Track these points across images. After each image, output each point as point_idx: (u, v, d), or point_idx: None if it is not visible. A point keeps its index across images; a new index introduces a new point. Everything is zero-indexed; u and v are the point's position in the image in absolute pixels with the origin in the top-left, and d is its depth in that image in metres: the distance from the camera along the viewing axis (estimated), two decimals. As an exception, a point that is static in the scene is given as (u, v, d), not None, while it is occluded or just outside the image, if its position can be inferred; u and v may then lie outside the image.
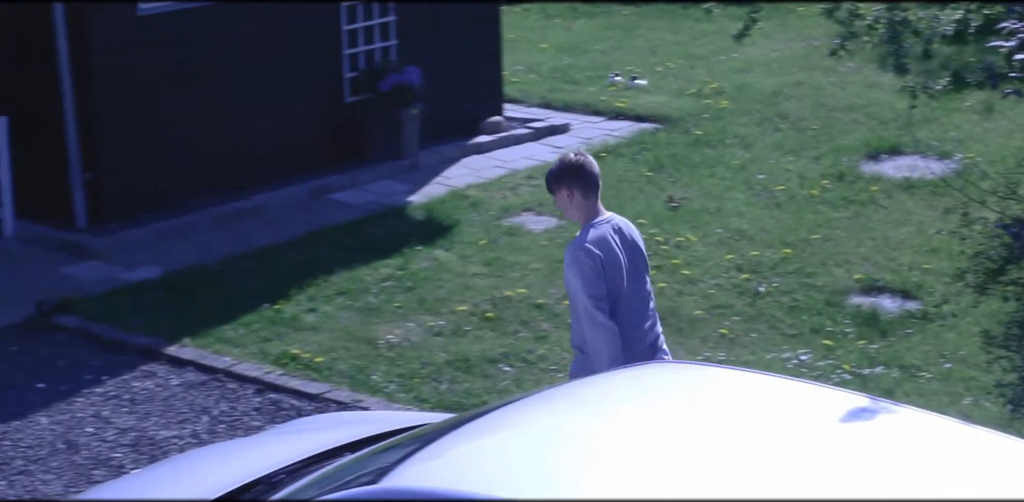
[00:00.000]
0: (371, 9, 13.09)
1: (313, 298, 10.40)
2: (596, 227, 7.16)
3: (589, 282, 7.00)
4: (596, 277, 7.00)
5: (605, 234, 7.15)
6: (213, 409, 8.94)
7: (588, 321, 7.03)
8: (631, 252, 7.25)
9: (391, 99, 12.95)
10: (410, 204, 12.40)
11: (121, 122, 11.58)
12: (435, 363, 9.38)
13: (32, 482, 8.13)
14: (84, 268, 11.05)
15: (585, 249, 7.04)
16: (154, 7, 11.62)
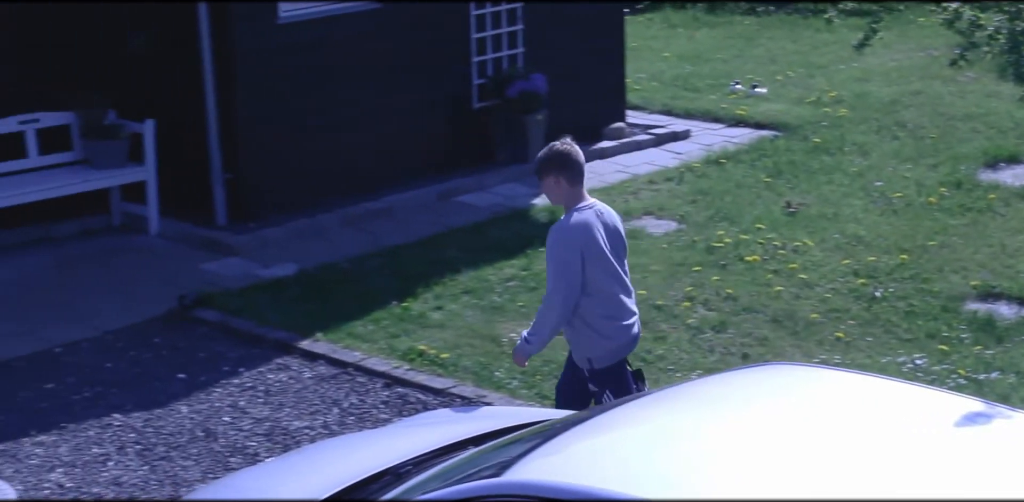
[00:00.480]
0: (499, 18, 13.13)
1: (440, 296, 10.45)
2: (580, 211, 7.34)
3: (561, 266, 7.24)
4: (570, 262, 7.21)
5: (588, 218, 7.32)
6: (343, 401, 9.01)
7: (547, 299, 7.30)
8: (612, 236, 7.42)
9: (517, 105, 12.98)
10: (534, 206, 12.42)
11: (260, 125, 11.72)
12: (556, 361, 9.36)
13: (172, 468, 8.25)
14: (223, 264, 11.20)
15: (567, 231, 7.27)
16: (293, 15, 11.77)
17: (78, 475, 8.18)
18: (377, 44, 12.27)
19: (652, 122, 14.67)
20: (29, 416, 8.85)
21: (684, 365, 9.27)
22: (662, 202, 12.37)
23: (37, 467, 8.28)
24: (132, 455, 8.40)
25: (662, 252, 11.18)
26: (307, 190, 12.01)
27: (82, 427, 8.71)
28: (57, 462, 8.32)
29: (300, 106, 11.85)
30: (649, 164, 13.57)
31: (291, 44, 11.75)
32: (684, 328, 9.81)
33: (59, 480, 8.14)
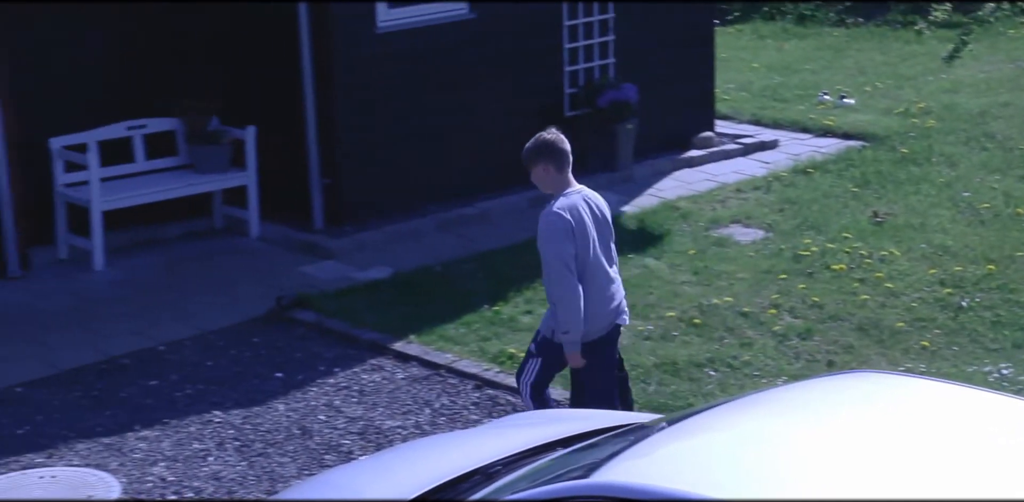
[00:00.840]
0: (592, 28, 13.14)
1: (530, 300, 10.45)
2: (567, 196, 7.59)
3: (559, 244, 7.45)
4: (566, 239, 7.43)
5: (575, 202, 7.58)
6: (435, 402, 9.05)
7: (557, 280, 7.48)
8: (598, 221, 7.64)
9: (608, 114, 12.97)
10: (623, 214, 12.40)
11: (358, 132, 11.80)
12: (644, 366, 9.37)
13: (270, 464, 8.33)
14: (320, 267, 11.27)
15: (556, 214, 7.50)
16: (391, 25, 11.83)
17: (179, 469, 8.29)
18: (472, 53, 12.31)
19: (740, 132, 14.59)
20: (134, 411, 8.99)
21: (770, 371, 9.22)
22: (749, 210, 12.31)
23: (140, 461, 8.40)
24: (231, 451, 8.49)
25: (749, 260, 11.13)
26: (403, 195, 12.07)
27: (184, 423, 8.83)
28: (160, 456, 8.44)
29: (396, 113, 11.91)
30: (737, 173, 13.50)
31: (389, 53, 11.82)
32: (770, 335, 9.76)
33: (161, 474, 8.25)
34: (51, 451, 8.52)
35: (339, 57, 11.61)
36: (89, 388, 9.31)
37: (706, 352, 9.53)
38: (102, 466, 8.34)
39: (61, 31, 11.45)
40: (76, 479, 8.23)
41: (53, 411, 9.01)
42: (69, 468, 8.34)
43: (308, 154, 11.75)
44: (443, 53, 12.14)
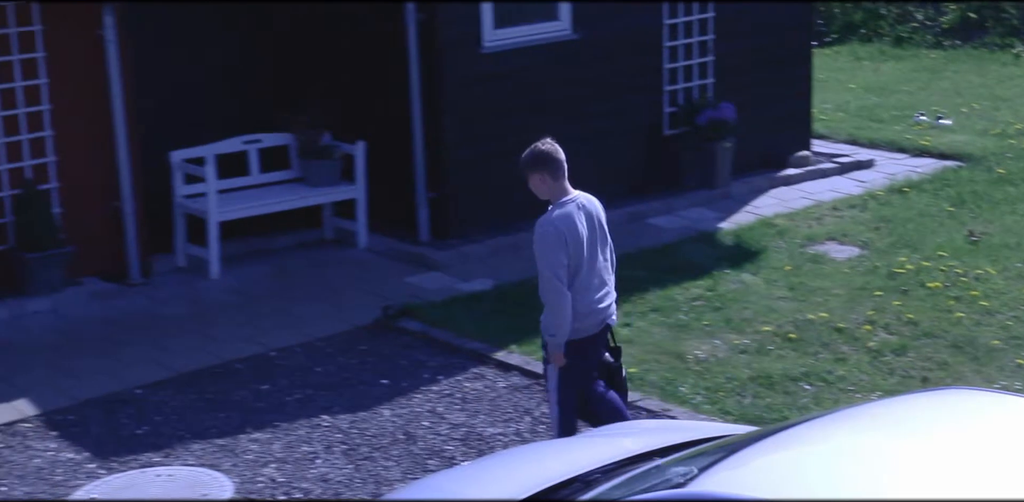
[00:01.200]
0: (691, 49, 13.13)
1: (628, 314, 10.45)
2: (563, 205, 7.72)
3: (550, 255, 7.58)
4: (558, 249, 7.56)
5: (570, 211, 7.69)
6: (535, 411, 9.05)
7: (547, 287, 7.60)
8: (591, 226, 7.77)
9: (706, 133, 12.95)
10: (720, 230, 12.37)
11: (462, 148, 11.87)
12: (739, 378, 9.34)
13: (375, 467, 8.39)
14: (425, 278, 11.34)
15: (551, 225, 7.63)
16: (496, 45, 11.90)
17: (289, 471, 8.37)
18: (574, 73, 12.34)
19: (837, 151, 14.50)
20: (246, 414, 9.10)
21: (864, 386, 9.15)
22: (845, 228, 12.23)
23: (252, 462, 8.49)
24: (338, 454, 8.56)
25: (844, 276, 11.06)
26: (505, 209, 12.10)
27: (293, 426, 8.91)
28: (270, 458, 8.53)
29: (500, 130, 11.96)
30: (833, 191, 13.41)
31: (493, 72, 11.89)
32: (865, 351, 9.69)
33: (272, 475, 8.33)
34: (168, 450, 8.64)
35: (446, 76, 11.69)
36: (204, 391, 9.44)
37: (801, 366, 9.48)
38: (216, 466, 8.44)
39: (182, 49, 11.65)
40: (191, 478, 8.33)
41: (170, 412, 9.15)
42: (185, 467, 8.45)
43: (415, 169, 11.85)
44: (546, 72, 12.18)
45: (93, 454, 8.61)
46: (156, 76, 11.40)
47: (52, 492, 8.18)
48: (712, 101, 13.08)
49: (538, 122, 12.14)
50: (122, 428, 8.94)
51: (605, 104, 12.57)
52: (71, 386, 9.48)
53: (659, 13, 12.80)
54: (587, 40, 12.35)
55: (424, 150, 11.81)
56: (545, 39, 12.17)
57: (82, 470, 8.43)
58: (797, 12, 13.81)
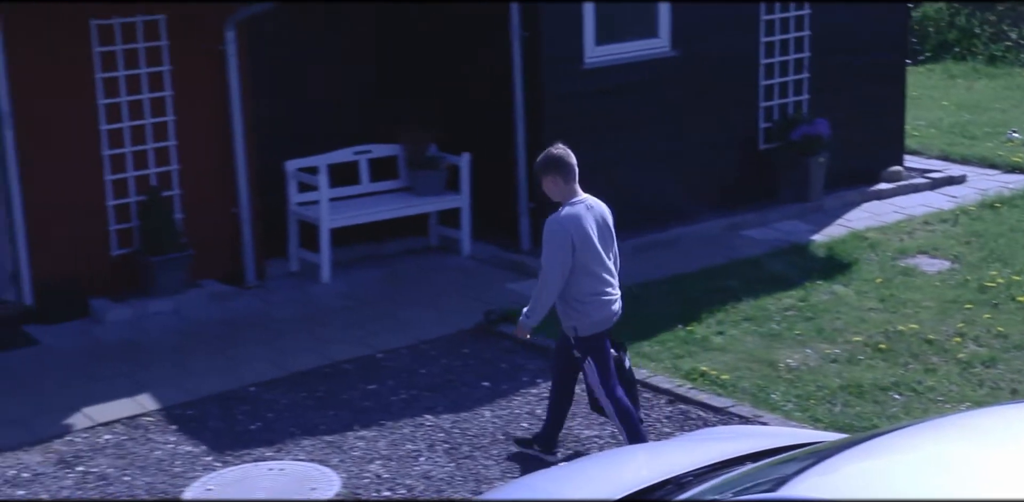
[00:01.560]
0: (787, 67, 13.09)
1: (721, 322, 10.45)
2: (572, 205, 7.93)
3: (556, 251, 7.83)
4: (562, 248, 7.79)
5: (579, 211, 7.90)
6: (630, 415, 9.09)
7: (546, 279, 7.91)
8: (599, 227, 7.99)
9: (800, 148, 12.91)
10: (813, 242, 12.31)
11: (564, 160, 11.92)
12: (830, 387, 9.30)
13: (475, 466, 8.44)
14: (526, 285, 11.26)
15: (559, 224, 7.85)
16: (597, 62, 11.94)
17: (393, 467, 8.44)
18: (672, 88, 12.36)
19: (928, 167, 14.38)
20: (354, 413, 9.19)
21: (953, 397, 9.07)
22: (936, 242, 12.13)
23: (359, 458, 8.58)
24: (440, 452, 8.62)
25: (935, 289, 10.97)
26: (604, 220, 12.14)
27: (398, 425, 8.98)
28: (376, 455, 8.61)
29: (599, 144, 11.99)
30: (924, 206, 13.30)
31: (594, 87, 11.93)
32: (954, 362, 9.60)
33: (377, 471, 8.41)
34: (279, 446, 8.75)
35: (548, 90, 11.75)
36: (314, 390, 9.55)
37: (891, 376, 9.42)
38: (324, 462, 8.53)
39: (297, 64, 11.82)
40: (301, 473, 8.42)
41: (282, 410, 9.27)
42: (295, 462, 8.55)
43: (517, 180, 11.92)
44: (645, 88, 12.21)
45: (209, 447, 8.75)
46: (272, 89, 11.58)
47: (171, 483, 8.33)
48: (807, 117, 13.03)
49: (636, 136, 12.23)
50: (237, 424, 9.08)
51: (702, 119, 12.58)
52: (190, 383, 9.62)
53: (756, 32, 12.78)
54: (685, 57, 12.36)
55: (526, 162, 11.85)
56: (645, 56, 12.19)
57: (199, 462, 8.57)
58: (892, 31, 13.72)
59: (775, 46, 12.95)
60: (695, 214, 12.60)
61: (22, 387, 9.63)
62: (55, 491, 8.25)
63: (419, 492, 8.16)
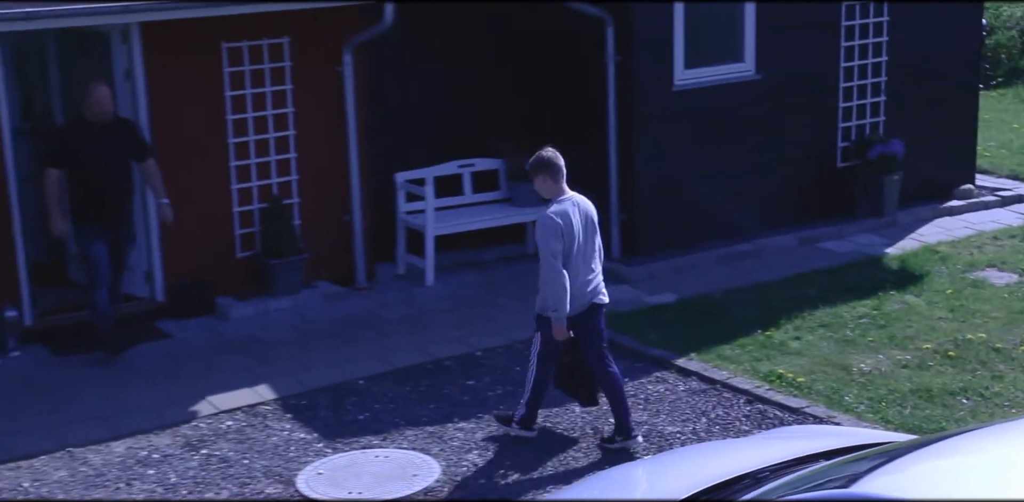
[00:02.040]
0: (865, 90, 12.91)
1: (798, 328, 10.33)
2: (560, 202, 8.29)
3: (549, 242, 8.15)
4: (555, 237, 8.14)
5: (566, 207, 8.26)
6: (711, 413, 9.00)
7: (546, 268, 8.17)
8: (584, 222, 8.30)
9: (876, 166, 12.72)
10: (886, 255, 12.13)
11: (652, 176, 11.86)
12: (900, 391, 9.15)
13: (565, 458, 8.39)
14: (615, 290, 11.09)
15: (550, 218, 8.20)
16: (686, 84, 11.87)
17: (489, 457, 8.43)
18: (755, 109, 12.25)
19: (999, 185, 14.10)
20: (453, 406, 9.20)
21: (1019, 402, 8.87)
22: (1005, 256, 11.89)
23: (457, 448, 8.58)
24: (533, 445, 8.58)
25: (1002, 301, 10.75)
26: (688, 231, 12.08)
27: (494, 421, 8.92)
28: (473, 445, 8.61)
29: (686, 161, 11.94)
30: (994, 222, 13.04)
31: (682, 108, 11.86)
32: (1020, 369, 9.40)
33: (474, 460, 8.41)
34: (385, 435, 8.78)
35: (639, 110, 11.70)
36: (417, 384, 9.57)
37: (959, 382, 9.24)
38: (426, 450, 8.55)
39: (408, 84, 11.88)
40: (404, 460, 8.45)
41: (387, 402, 9.30)
42: (399, 450, 8.57)
43: (609, 193, 11.87)
44: (730, 108, 12.11)
45: (321, 435, 8.81)
46: (384, 106, 11.64)
47: (285, 466, 8.38)
48: (883, 137, 12.85)
49: (721, 153, 12.13)
50: (346, 414, 9.13)
51: (784, 138, 12.45)
52: (304, 375, 9.69)
53: (836, 56, 12.63)
54: (769, 80, 12.24)
55: (617, 177, 11.84)
56: (731, 79, 12.10)
57: (311, 448, 8.62)
58: (965, 57, 13.48)
59: (854, 70, 12.78)
60: (776, 226, 12.47)
61: (154, 377, 9.77)
62: (181, 471, 8.35)
63: (512, 481, 8.14)
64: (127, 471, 8.37)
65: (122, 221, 9.85)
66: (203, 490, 8.13)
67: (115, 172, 9.67)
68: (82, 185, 9.64)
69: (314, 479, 8.22)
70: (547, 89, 12.22)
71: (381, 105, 11.58)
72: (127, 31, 10.31)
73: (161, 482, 8.23)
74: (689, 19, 11.67)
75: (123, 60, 10.44)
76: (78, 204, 9.73)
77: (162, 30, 10.31)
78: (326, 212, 11.31)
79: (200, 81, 10.63)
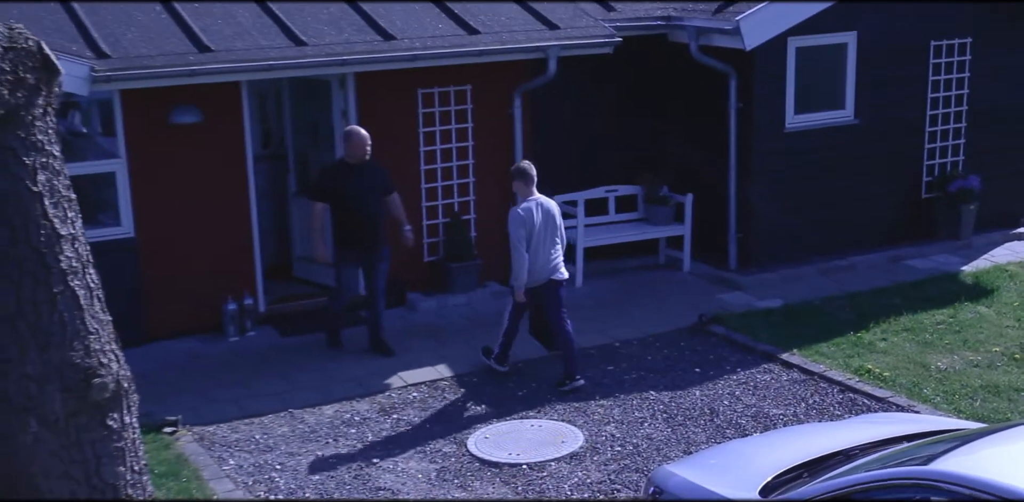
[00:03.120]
0: (948, 133, 12.61)
1: (885, 331, 10.14)
2: (527, 201, 9.05)
3: (515, 229, 8.91)
4: (519, 226, 8.92)
5: (531, 206, 9.01)
6: (809, 399, 8.90)
7: (513, 250, 8.93)
8: (544, 217, 9.01)
9: (955, 198, 12.40)
10: (961, 272, 11.81)
11: (765, 202, 11.73)
12: (971, 386, 8.93)
13: (686, 432, 8.38)
14: (731, 296, 11.25)
15: (516, 212, 8.97)
16: (796, 127, 11.75)
17: (624, 429, 8.46)
18: (854, 148, 12.04)
19: (1061, 215, 13.63)
20: (595, 387, 9.22)
21: (1073, 399, 8.61)
22: (1064, 275, 11.52)
23: (598, 421, 8.62)
24: (660, 420, 8.61)
25: (1061, 313, 10.41)
26: (794, 248, 11.92)
27: (628, 397, 8.99)
28: (611, 419, 8.64)
29: (794, 190, 11.79)
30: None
31: (792, 146, 11.72)
32: (1075, 372, 9.11)
33: (611, 432, 8.44)
34: (539, 408, 8.85)
35: (756, 149, 11.58)
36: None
37: (1023, 380, 8.99)
38: (572, 422, 8.60)
39: (564, 125, 11.96)
40: (554, 429, 8.49)
41: (542, 381, 9.33)
42: (550, 421, 8.62)
43: (728, 215, 11.78)
44: (832, 148, 11.92)
45: (487, 406, 8.90)
46: (545, 142, 11.73)
47: (457, 431, 8.48)
48: (962, 173, 12.52)
49: (822, 184, 11.96)
50: (508, 390, 9.19)
51: (876, 173, 12.21)
52: (475, 357, 9.74)
53: (923, 106, 12.35)
54: (865, 124, 12.03)
55: (736, 202, 11.75)
56: (833, 123, 11.92)
57: (480, 418, 8.71)
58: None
59: (939, 118, 12.48)
60: (869, 246, 12.25)
61: (358, 355, 9.95)
62: (376, 432, 8.53)
63: (642, 449, 8.15)
64: (335, 429, 8.58)
65: (376, 244, 9.71)
66: (392, 448, 8.30)
67: (370, 205, 9.56)
68: (344, 216, 9.54)
69: (481, 441, 8.32)
70: (680, 129, 12.20)
71: (542, 140, 11.67)
72: (344, 79, 10.60)
73: (360, 439, 8.41)
74: (799, 73, 11.54)
75: (340, 102, 10.74)
76: (341, 231, 9.63)
77: (371, 79, 10.57)
78: (496, 227, 11.34)
79: (399, 119, 10.84)
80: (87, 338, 4.14)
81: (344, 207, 9.57)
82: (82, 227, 4.23)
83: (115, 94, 9.68)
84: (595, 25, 11.12)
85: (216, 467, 7.99)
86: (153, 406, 8.58)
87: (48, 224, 4.02)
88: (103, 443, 4.19)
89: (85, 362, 4.12)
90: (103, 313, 4.24)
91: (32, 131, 3.98)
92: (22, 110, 3.92)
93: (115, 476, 4.21)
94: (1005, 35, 12.56)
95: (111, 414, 4.20)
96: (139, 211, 9.99)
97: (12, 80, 3.85)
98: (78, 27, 9.59)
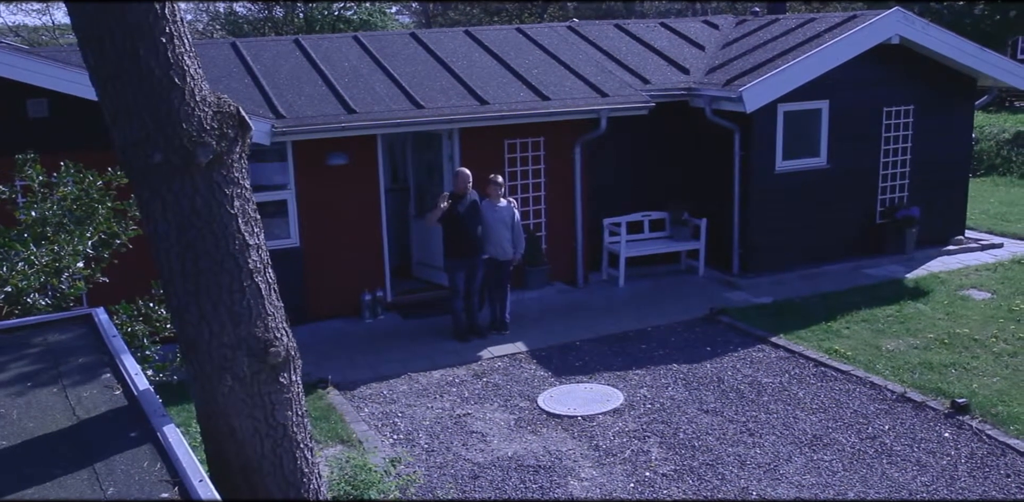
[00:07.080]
0: (896, 176, 12.20)
1: (848, 321, 9.81)
2: (489, 202, 9.16)
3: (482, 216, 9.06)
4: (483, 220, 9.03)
5: (492, 204, 9.12)
6: (791, 371, 8.60)
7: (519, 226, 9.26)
8: (502, 215, 9.13)
9: (900, 223, 11.98)
10: (905, 278, 11.39)
11: (760, 224, 11.46)
12: (912, 363, 8.59)
13: (700, 394, 8.15)
14: (734, 294, 10.98)
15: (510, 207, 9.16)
16: (783, 170, 11.46)
17: (653, 392, 8.26)
18: (825, 186, 11.71)
19: (979, 237, 13.06)
20: (633, 359, 9.04)
21: (989, 373, 8.21)
22: (983, 282, 11.03)
23: (634, 385, 8.43)
24: (680, 385, 8.40)
25: (980, 309, 9.97)
26: (781, 259, 11.63)
27: (657, 369, 8.74)
28: (644, 384, 8.44)
29: (782, 216, 11.50)
30: (976, 260, 12.08)
31: (780, 184, 11.44)
32: (990, 353, 8.71)
33: (644, 393, 8.23)
34: (591, 375, 8.69)
35: (753, 186, 11.32)
36: (612, 345, 9.43)
37: (950, 359, 8.63)
38: (614, 386, 8.43)
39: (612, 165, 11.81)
40: (601, 391, 8.32)
41: (594, 355, 9.18)
42: (598, 385, 8.45)
43: (732, 235, 11.53)
44: (810, 185, 11.61)
45: (552, 373, 8.77)
46: (596, 180, 11.61)
47: (530, 391, 8.34)
48: (906, 205, 12.11)
49: (803, 213, 11.65)
50: (568, 361, 9.05)
51: (842, 204, 11.86)
52: (545, 337, 9.63)
53: (878, 155, 11.98)
54: (835, 168, 11.69)
55: (739, 225, 11.49)
56: (810, 167, 11.60)
57: (547, 381, 8.58)
58: (961, 156, 12.59)
59: (889, 164, 12.10)
60: (836, 258, 11.89)
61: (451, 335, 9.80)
62: (471, 390, 8.43)
63: (667, 407, 7.96)
64: (440, 388, 8.51)
65: (477, 255, 9.51)
66: (483, 402, 8.20)
67: (471, 226, 9.42)
68: (454, 232, 9.42)
69: (548, 399, 8.19)
70: (697, 170, 11.98)
71: (595, 178, 11.55)
72: (451, 133, 10.59)
73: (459, 396, 8.32)
74: (786, 130, 11.27)
75: (448, 149, 10.72)
76: (451, 244, 9.47)
77: (471, 132, 10.55)
78: (561, 241, 11.29)
79: (491, 162, 10.80)
80: (266, 318, 4.13)
81: (454, 226, 9.47)
82: (264, 239, 4.23)
83: (288, 144, 9.78)
84: (636, 94, 10.98)
85: (355, 414, 7.98)
86: (311, 368, 8.62)
87: (240, 236, 4.03)
88: (276, 394, 4.18)
89: (264, 336, 4.11)
90: (278, 300, 4.23)
91: (231, 170, 4.02)
92: (225, 155, 3.97)
93: (284, 418, 4.20)
94: (939, 104, 12.15)
95: (282, 373, 4.19)
96: (303, 228, 10.07)
97: (219, 134, 3.91)
98: (263, 96, 9.73)
